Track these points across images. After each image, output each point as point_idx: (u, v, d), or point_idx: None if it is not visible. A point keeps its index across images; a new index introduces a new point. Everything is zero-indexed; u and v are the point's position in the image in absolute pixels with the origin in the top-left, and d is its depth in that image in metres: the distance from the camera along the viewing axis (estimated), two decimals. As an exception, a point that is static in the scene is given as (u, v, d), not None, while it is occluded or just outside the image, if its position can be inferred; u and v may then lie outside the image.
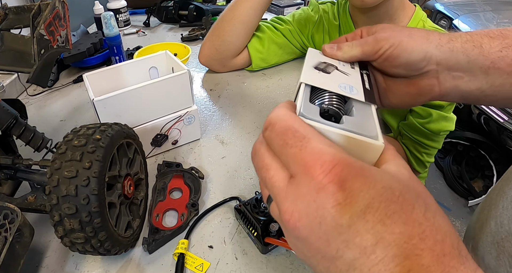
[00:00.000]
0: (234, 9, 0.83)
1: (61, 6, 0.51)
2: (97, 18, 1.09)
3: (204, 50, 0.88)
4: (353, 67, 0.36)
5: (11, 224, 0.38)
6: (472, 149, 1.70)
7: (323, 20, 0.86)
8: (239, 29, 0.83)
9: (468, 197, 1.63)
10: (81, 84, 0.90)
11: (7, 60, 0.49)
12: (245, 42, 0.86)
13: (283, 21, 0.90)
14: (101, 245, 0.39)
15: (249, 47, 0.87)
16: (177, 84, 0.59)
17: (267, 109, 0.78)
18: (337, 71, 0.34)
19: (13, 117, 0.48)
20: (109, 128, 0.43)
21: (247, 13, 0.82)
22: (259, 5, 0.81)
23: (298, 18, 0.89)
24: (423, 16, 0.74)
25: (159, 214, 0.51)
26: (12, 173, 0.48)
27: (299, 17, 0.89)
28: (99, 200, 0.38)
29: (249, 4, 0.81)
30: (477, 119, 1.54)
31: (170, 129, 0.63)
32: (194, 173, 0.57)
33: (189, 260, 0.46)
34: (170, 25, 1.28)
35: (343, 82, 0.31)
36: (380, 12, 0.72)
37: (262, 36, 0.88)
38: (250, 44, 0.87)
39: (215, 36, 0.85)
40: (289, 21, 0.89)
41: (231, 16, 0.83)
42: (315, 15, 0.87)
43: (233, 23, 0.83)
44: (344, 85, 0.30)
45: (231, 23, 0.83)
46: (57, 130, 0.73)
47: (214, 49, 0.86)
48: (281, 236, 0.45)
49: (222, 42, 0.84)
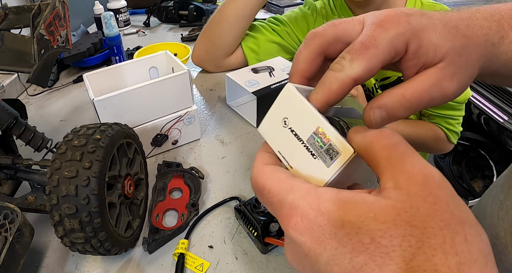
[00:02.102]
0: (221, 11, 0.83)
1: (61, 6, 0.51)
2: (97, 18, 1.09)
3: (196, 51, 0.89)
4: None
5: (11, 224, 0.38)
6: (472, 149, 1.70)
7: (321, 16, 0.87)
8: (227, 30, 0.83)
9: (468, 197, 1.62)
10: (81, 84, 0.90)
11: (7, 60, 0.49)
12: (234, 43, 0.86)
13: (279, 21, 0.90)
14: (101, 245, 0.39)
15: (244, 48, 0.87)
16: (177, 84, 0.59)
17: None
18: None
19: (13, 117, 0.48)
20: (109, 128, 0.43)
21: (234, 14, 0.82)
22: (246, 6, 0.81)
23: (295, 17, 0.89)
24: None
25: (159, 214, 0.51)
26: (12, 173, 0.48)
27: (296, 16, 0.89)
28: (99, 200, 0.38)
29: (236, 5, 0.81)
30: (477, 119, 1.54)
31: (170, 129, 0.63)
32: (194, 173, 0.57)
33: (189, 260, 0.46)
34: (170, 25, 1.27)
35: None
36: (376, 3, 0.74)
37: (258, 36, 0.87)
38: (245, 45, 0.87)
39: (204, 38, 0.86)
40: (285, 21, 0.89)
41: (218, 18, 0.83)
42: (312, 13, 0.87)
43: (221, 25, 0.82)
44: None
45: (219, 24, 0.83)
46: (57, 130, 0.73)
47: (204, 50, 0.87)
48: (281, 236, 0.45)
49: (211, 43, 0.85)
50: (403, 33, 0.24)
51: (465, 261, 0.17)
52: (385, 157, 0.21)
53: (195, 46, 0.88)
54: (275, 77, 0.71)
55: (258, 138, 0.69)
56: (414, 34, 0.25)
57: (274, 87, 0.68)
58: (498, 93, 1.45)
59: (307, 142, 0.25)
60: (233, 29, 0.83)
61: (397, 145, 0.21)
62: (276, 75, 0.72)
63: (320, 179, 0.24)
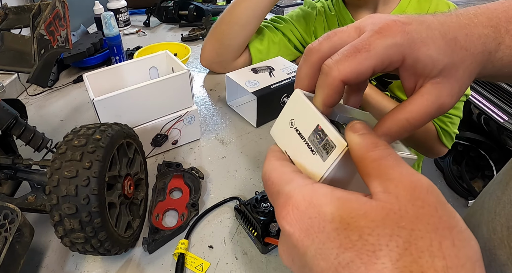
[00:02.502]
0: (232, 11, 0.82)
1: (61, 6, 0.51)
2: (97, 18, 1.09)
3: (205, 53, 0.87)
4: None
5: (11, 224, 0.38)
6: (472, 149, 1.70)
7: (321, 14, 0.87)
8: (238, 32, 0.82)
9: (468, 197, 1.62)
10: (81, 84, 0.90)
11: (7, 60, 0.49)
12: (244, 45, 0.85)
13: (282, 19, 0.90)
14: (101, 245, 0.39)
15: (251, 49, 0.87)
16: (177, 84, 0.59)
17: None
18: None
19: (13, 117, 0.48)
20: (109, 128, 0.43)
21: (246, 15, 0.81)
22: (257, 6, 0.80)
23: (296, 16, 0.89)
24: None
25: (159, 214, 0.51)
26: (12, 173, 0.48)
27: (297, 14, 0.89)
28: (99, 200, 0.38)
29: (247, 5, 0.80)
30: (477, 119, 1.54)
31: (170, 129, 0.63)
32: (194, 173, 0.57)
33: (189, 260, 0.46)
34: (170, 25, 1.27)
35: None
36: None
37: (263, 37, 0.87)
38: (252, 46, 0.87)
39: (215, 39, 0.84)
40: (288, 19, 0.89)
41: (229, 19, 0.82)
42: (312, 11, 0.87)
43: (231, 26, 0.82)
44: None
45: (230, 25, 0.82)
46: (57, 130, 0.73)
47: (214, 52, 0.85)
48: (281, 236, 0.45)
49: (221, 45, 0.84)
50: (400, 44, 0.25)
51: (452, 266, 0.17)
52: (375, 168, 0.21)
53: (204, 47, 0.87)
54: (275, 77, 0.71)
55: (258, 138, 0.69)
56: (412, 47, 0.25)
57: (274, 87, 0.68)
58: (498, 93, 1.45)
59: (308, 139, 0.26)
60: (244, 30, 0.82)
61: (387, 157, 0.22)
62: (276, 75, 0.72)
63: (317, 174, 0.25)
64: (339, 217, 0.19)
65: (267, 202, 0.48)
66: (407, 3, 0.76)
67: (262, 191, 0.50)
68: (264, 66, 0.75)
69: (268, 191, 0.25)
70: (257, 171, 0.60)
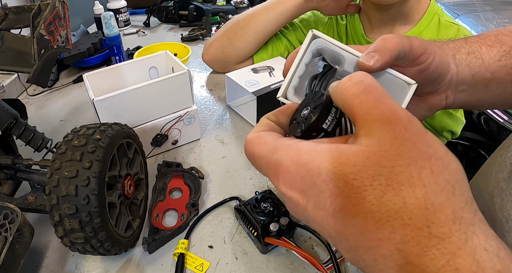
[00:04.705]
0: (251, 17, 0.81)
1: (61, 6, 0.51)
2: (97, 18, 1.09)
3: (211, 48, 0.86)
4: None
5: (11, 224, 0.38)
6: (472, 149, 1.70)
7: (332, 21, 0.86)
8: (251, 37, 0.82)
9: (468, 197, 1.62)
10: (81, 84, 0.90)
11: (7, 60, 0.49)
12: (252, 51, 0.85)
13: (290, 25, 0.88)
14: (101, 245, 0.39)
15: (254, 55, 0.86)
16: (177, 84, 0.59)
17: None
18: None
19: (13, 117, 0.48)
20: (109, 128, 0.43)
21: (263, 24, 0.81)
22: (276, 21, 0.80)
23: (307, 21, 0.88)
24: (439, 10, 0.73)
25: (159, 214, 0.51)
26: (12, 173, 0.48)
27: (308, 19, 0.88)
28: (99, 200, 0.38)
29: (267, 17, 0.80)
30: (477, 119, 1.54)
31: (170, 129, 0.63)
32: (194, 173, 0.57)
33: (189, 260, 0.46)
34: (170, 25, 1.27)
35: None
36: (395, 9, 0.72)
37: (267, 44, 0.86)
38: (255, 53, 0.86)
39: (226, 38, 0.83)
40: (297, 25, 0.88)
41: (246, 23, 0.81)
42: (325, 17, 0.87)
43: (246, 30, 0.81)
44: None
45: (245, 30, 0.81)
46: (57, 130, 0.73)
47: (221, 50, 0.84)
48: (281, 236, 0.45)
49: (230, 45, 0.83)
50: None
51: (431, 191, 0.19)
52: (357, 105, 0.22)
53: (211, 43, 0.86)
54: (275, 77, 0.71)
55: (258, 138, 0.69)
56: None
57: (274, 87, 0.68)
58: (498, 93, 1.44)
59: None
60: (258, 38, 0.82)
61: (368, 90, 0.22)
62: (276, 75, 0.72)
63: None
64: (324, 169, 0.21)
65: (267, 202, 0.48)
66: (426, 26, 0.73)
67: (262, 191, 0.50)
68: (264, 66, 0.75)
69: (256, 165, 0.26)
70: (257, 171, 0.60)
